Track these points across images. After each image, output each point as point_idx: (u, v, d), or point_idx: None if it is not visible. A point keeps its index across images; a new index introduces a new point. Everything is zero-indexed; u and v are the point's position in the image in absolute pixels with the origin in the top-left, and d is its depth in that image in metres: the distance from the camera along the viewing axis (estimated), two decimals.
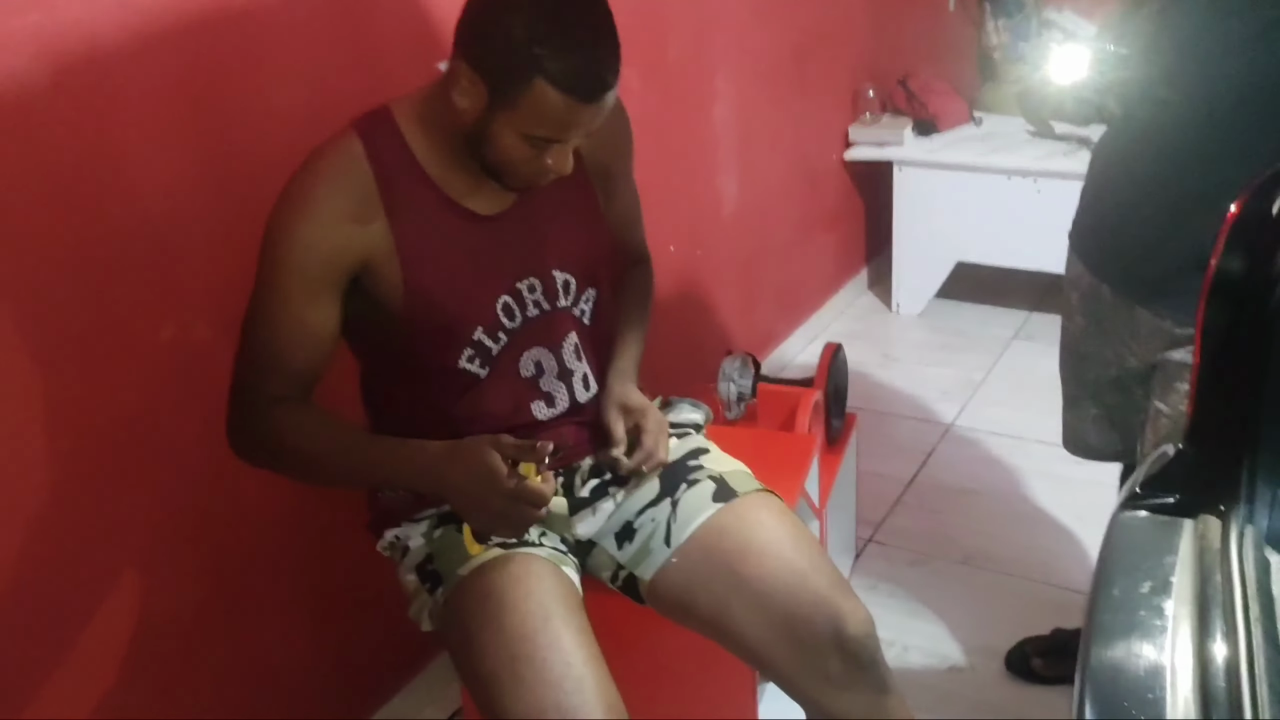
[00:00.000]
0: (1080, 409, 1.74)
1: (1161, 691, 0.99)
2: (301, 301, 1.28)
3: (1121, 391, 1.64)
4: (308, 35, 1.66)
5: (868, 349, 3.44)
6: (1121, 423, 1.68)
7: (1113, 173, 1.59)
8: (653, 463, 1.43)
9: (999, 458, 2.79)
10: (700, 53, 2.74)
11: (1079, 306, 1.66)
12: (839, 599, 1.32)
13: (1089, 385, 1.70)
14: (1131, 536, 1.20)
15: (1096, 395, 1.69)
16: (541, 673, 1.23)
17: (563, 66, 1.18)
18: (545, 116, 1.22)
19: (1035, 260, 3.39)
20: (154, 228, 1.49)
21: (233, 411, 1.35)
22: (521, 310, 1.39)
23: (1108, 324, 1.60)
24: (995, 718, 1.95)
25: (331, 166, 1.28)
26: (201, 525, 1.62)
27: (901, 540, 2.48)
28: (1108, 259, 1.59)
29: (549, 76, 1.18)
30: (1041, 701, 1.97)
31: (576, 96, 1.20)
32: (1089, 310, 1.64)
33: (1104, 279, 1.59)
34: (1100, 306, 1.61)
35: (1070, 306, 1.69)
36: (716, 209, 2.95)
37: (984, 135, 3.54)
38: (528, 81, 1.19)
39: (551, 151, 1.27)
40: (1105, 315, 1.60)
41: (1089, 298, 1.63)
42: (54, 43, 1.33)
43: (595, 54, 1.21)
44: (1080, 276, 1.64)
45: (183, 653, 1.62)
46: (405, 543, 1.44)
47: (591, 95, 1.21)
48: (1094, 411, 1.71)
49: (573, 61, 1.18)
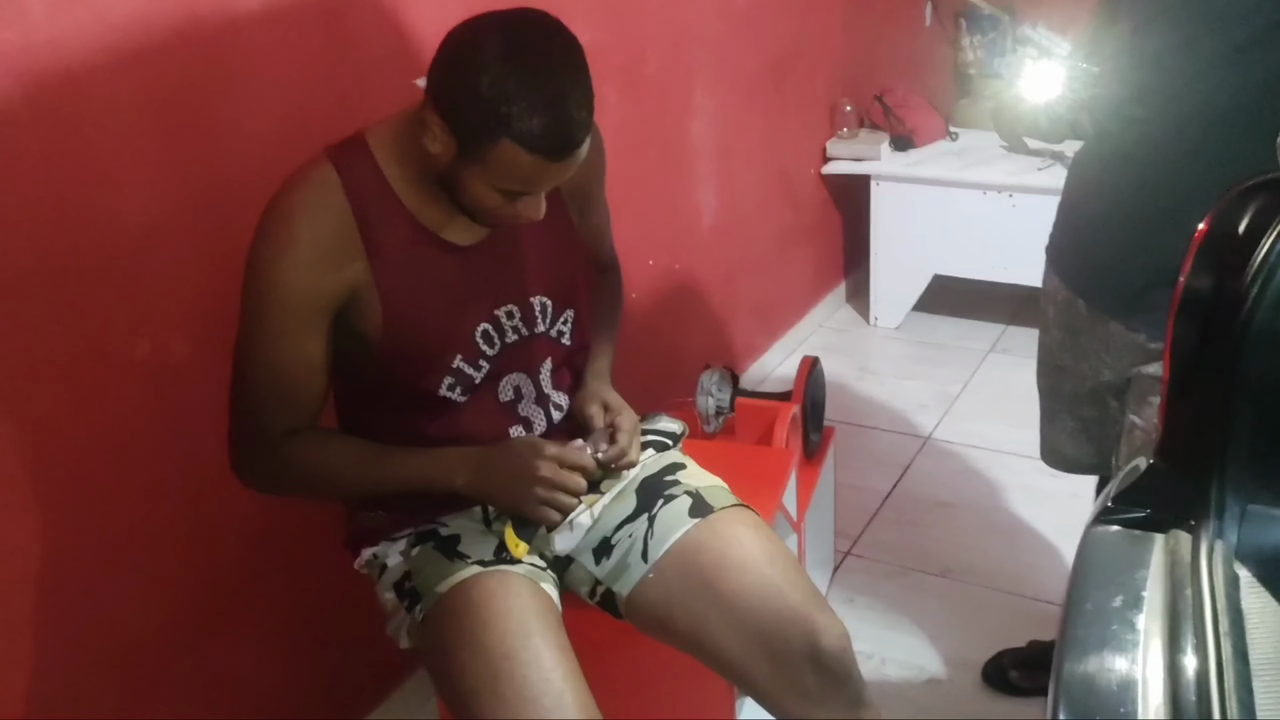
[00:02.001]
0: (1057, 421, 1.75)
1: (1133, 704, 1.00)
2: (295, 337, 1.28)
3: (1097, 404, 1.66)
4: (284, 54, 1.66)
5: (846, 362, 3.46)
6: (1098, 435, 1.70)
7: (1087, 189, 1.61)
8: (624, 461, 1.42)
9: (976, 470, 2.81)
10: (678, 67, 2.75)
11: (1055, 320, 1.68)
12: (814, 613, 1.33)
13: (1065, 398, 1.71)
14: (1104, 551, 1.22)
15: (1073, 408, 1.71)
16: (521, 689, 1.23)
17: (530, 127, 1.15)
18: (513, 173, 1.20)
19: (1011, 274, 3.42)
20: (129, 245, 1.48)
21: (241, 450, 1.36)
22: (501, 337, 1.40)
23: (1083, 337, 1.62)
24: None
25: (309, 199, 1.27)
26: (177, 540, 1.61)
27: (879, 553, 2.49)
28: (1082, 274, 1.61)
29: (516, 136, 1.16)
30: (1018, 713, 1.98)
31: (544, 156, 1.18)
32: (1065, 324, 1.65)
33: (1079, 293, 1.61)
34: (1076, 320, 1.62)
35: (1047, 320, 1.70)
36: (695, 222, 2.97)
37: (960, 150, 3.57)
38: (494, 140, 1.17)
39: (522, 201, 1.26)
40: (1081, 329, 1.62)
41: (1065, 311, 1.65)
42: (29, 61, 1.33)
43: (564, 112, 1.17)
44: (1056, 290, 1.66)
45: (158, 667, 1.61)
46: (383, 560, 1.43)
47: (560, 155, 1.19)
48: (1070, 424, 1.73)
49: (540, 121, 1.15)
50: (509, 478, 1.32)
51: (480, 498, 1.41)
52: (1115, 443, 1.65)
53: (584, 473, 1.33)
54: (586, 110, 1.20)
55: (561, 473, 1.31)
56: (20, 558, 1.40)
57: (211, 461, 1.57)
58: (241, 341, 1.31)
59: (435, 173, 1.27)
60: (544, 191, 1.27)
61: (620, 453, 1.41)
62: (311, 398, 1.34)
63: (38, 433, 1.40)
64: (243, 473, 1.37)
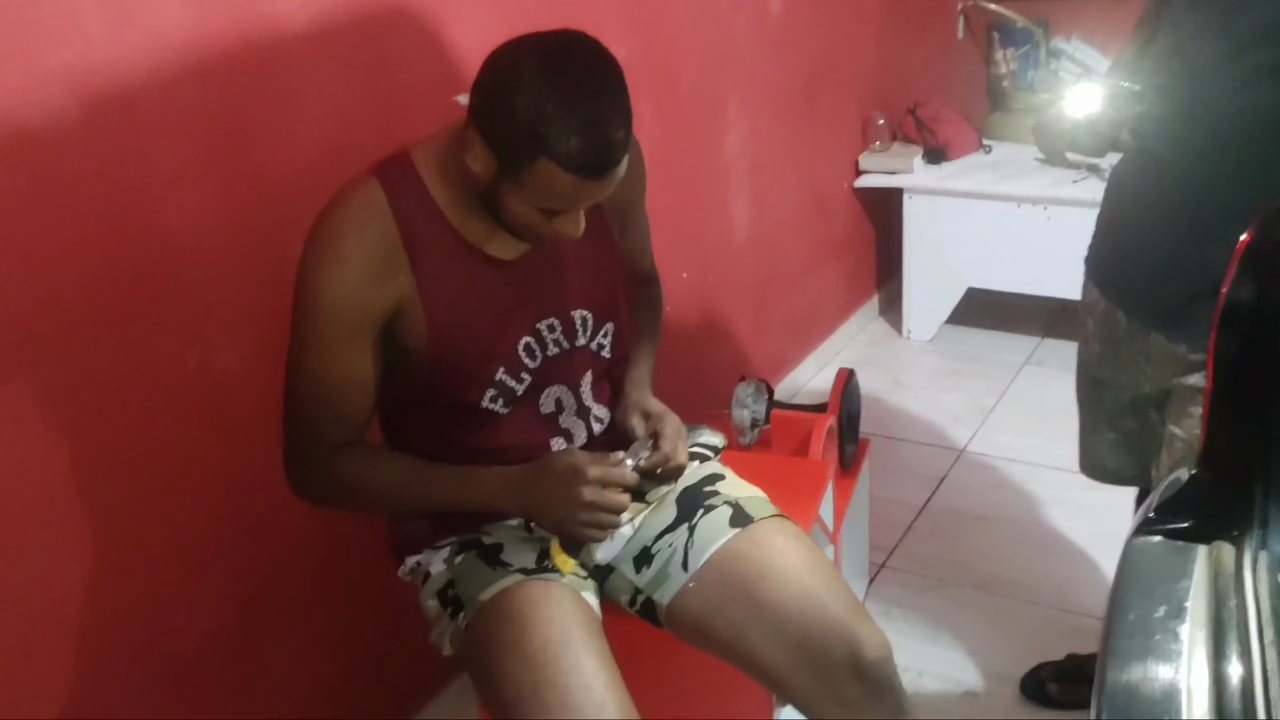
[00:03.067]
0: (1097, 433, 1.75)
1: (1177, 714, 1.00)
2: (345, 352, 1.31)
3: (1137, 416, 1.65)
4: (330, 72, 1.70)
5: (879, 375, 3.45)
6: (1138, 447, 1.69)
7: (1127, 201, 1.61)
8: (670, 466, 1.43)
9: (1011, 483, 2.80)
10: (712, 83, 2.77)
11: (1095, 332, 1.68)
12: (856, 624, 1.34)
13: (1105, 410, 1.71)
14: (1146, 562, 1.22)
15: (1113, 420, 1.71)
16: (563, 697, 1.24)
17: (567, 147, 1.17)
18: (551, 192, 1.22)
19: (1046, 286, 3.41)
20: (180, 259, 1.52)
21: (296, 464, 1.38)
22: (542, 350, 1.41)
23: (1123, 349, 1.62)
24: None
25: (357, 216, 1.29)
26: (226, 548, 1.64)
27: (915, 565, 2.49)
28: (1123, 285, 1.61)
29: (554, 157, 1.18)
30: None
31: (582, 175, 1.20)
32: (1104, 336, 1.65)
33: (1119, 305, 1.61)
34: (1115, 332, 1.62)
35: (1086, 332, 1.71)
36: (728, 236, 2.98)
37: (993, 163, 3.57)
38: (532, 160, 1.19)
39: (560, 219, 1.28)
40: (1120, 341, 1.62)
41: (1104, 323, 1.65)
42: (84, 80, 1.36)
43: (601, 132, 1.18)
44: (1096, 302, 1.66)
45: (207, 675, 1.64)
46: (426, 568, 1.46)
47: (598, 174, 1.21)
48: (1110, 436, 1.73)
49: (578, 142, 1.17)
50: (552, 501, 1.33)
51: (524, 519, 1.43)
52: (1155, 455, 1.64)
53: (626, 489, 1.34)
54: (624, 130, 1.21)
55: (604, 493, 1.31)
56: (75, 565, 1.44)
57: (259, 471, 1.60)
58: (292, 358, 1.33)
59: (477, 190, 1.29)
60: (583, 209, 1.29)
61: (664, 458, 1.41)
62: (361, 411, 1.36)
63: (91, 442, 1.44)
64: (297, 487, 1.40)
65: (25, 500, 1.37)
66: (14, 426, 1.35)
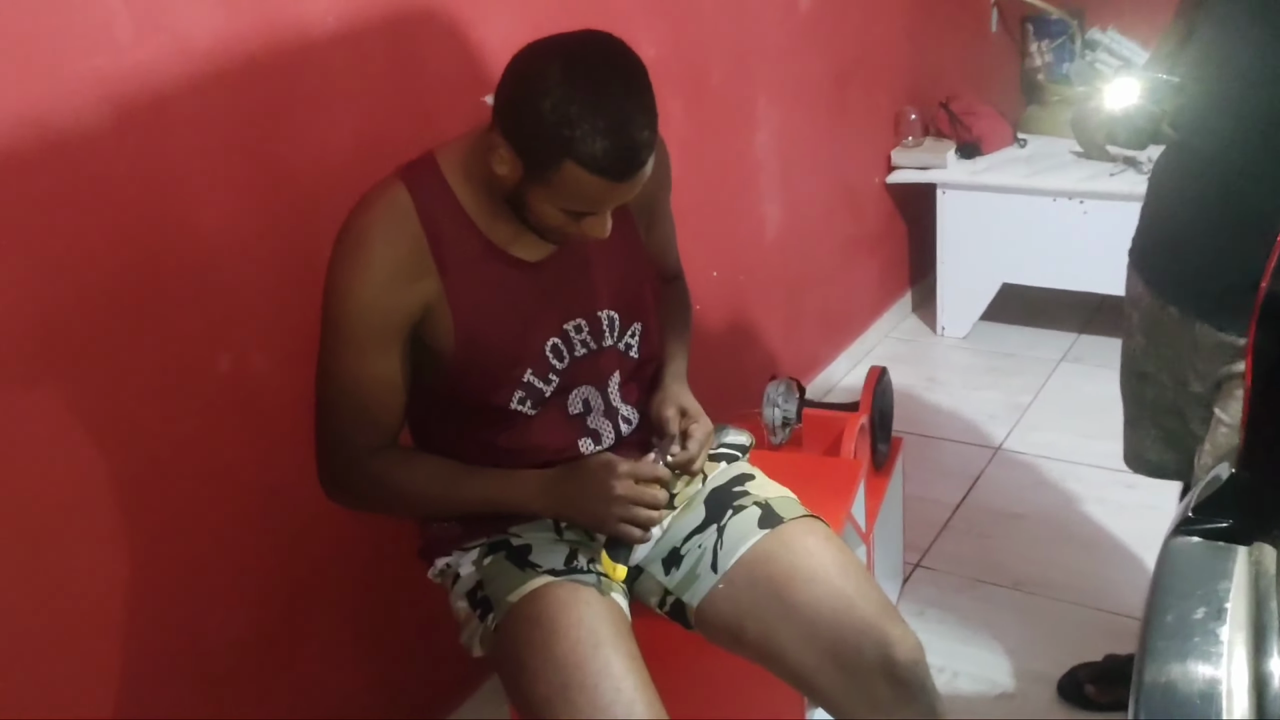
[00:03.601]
0: (1140, 428, 1.73)
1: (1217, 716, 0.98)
2: (374, 356, 1.31)
3: (1178, 416, 1.63)
4: (357, 74, 1.70)
5: (913, 373, 3.42)
6: (1180, 444, 1.67)
7: (1169, 193, 1.59)
8: (691, 468, 1.42)
9: (1048, 481, 2.76)
10: (741, 79, 2.76)
11: (1139, 325, 1.65)
12: (887, 625, 1.32)
13: (1148, 405, 1.69)
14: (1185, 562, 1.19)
15: (1155, 416, 1.69)
16: (593, 698, 1.24)
17: (593, 149, 1.17)
18: (578, 194, 1.22)
19: (1082, 281, 3.37)
20: (211, 263, 1.53)
21: (328, 468, 1.39)
22: (569, 351, 1.41)
23: (1169, 343, 1.59)
24: None
25: (383, 220, 1.29)
26: (258, 550, 1.65)
27: (950, 565, 2.46)
28: (1169, 277, 1.58)
29: (579, 159, 1.18)
30: None
31: (608, 177, 1.20)
32: (1150, 329, 1.63)
33: (1166, 297, 1.58)
34: (1161, 325, 1.59)
35: (1130, 325, 1.68)
36: (759, 234, 2.97)
37: (1028, 157, 3.53)
38: (558, 163, 1.19)
39: (587, 220, 1.27)
40: (1167, 333, 1.59)
41: (1150, 317, 1.62)
42: (117, 85, 1.38)
43: (626, 134, 1.18)
44: (1141, 296, 1.63)
45: (240, 676, 1.65)
46: (456, 570, 1.46)
47: (624, 176, 1.21)
48: (1153, 431, 1.71)
49: (603, 144, 1.16)
50: (586, 500, 1.34)
51: (559, 520, 1.43)
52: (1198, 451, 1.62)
53: (660, 483, 1.34)
54: (649, 130, 1.21)
55: (638, 488, 1.32)
56: (114, 567, 1.45)
57: (290, 472, 1.61)
58: (322, 363, 1.34)
59: (503, 193, 1.29)
60: (609, 210, 1.29)
61: (689, 459, 1.41)
62: (392, 414, 1.37)
63: (128, 446, 1.45)
64: (330, 491, 1.41)
65: (65, 503, 1.38)
66: (54, 430, 1.36)
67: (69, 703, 1.42)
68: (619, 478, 1.31)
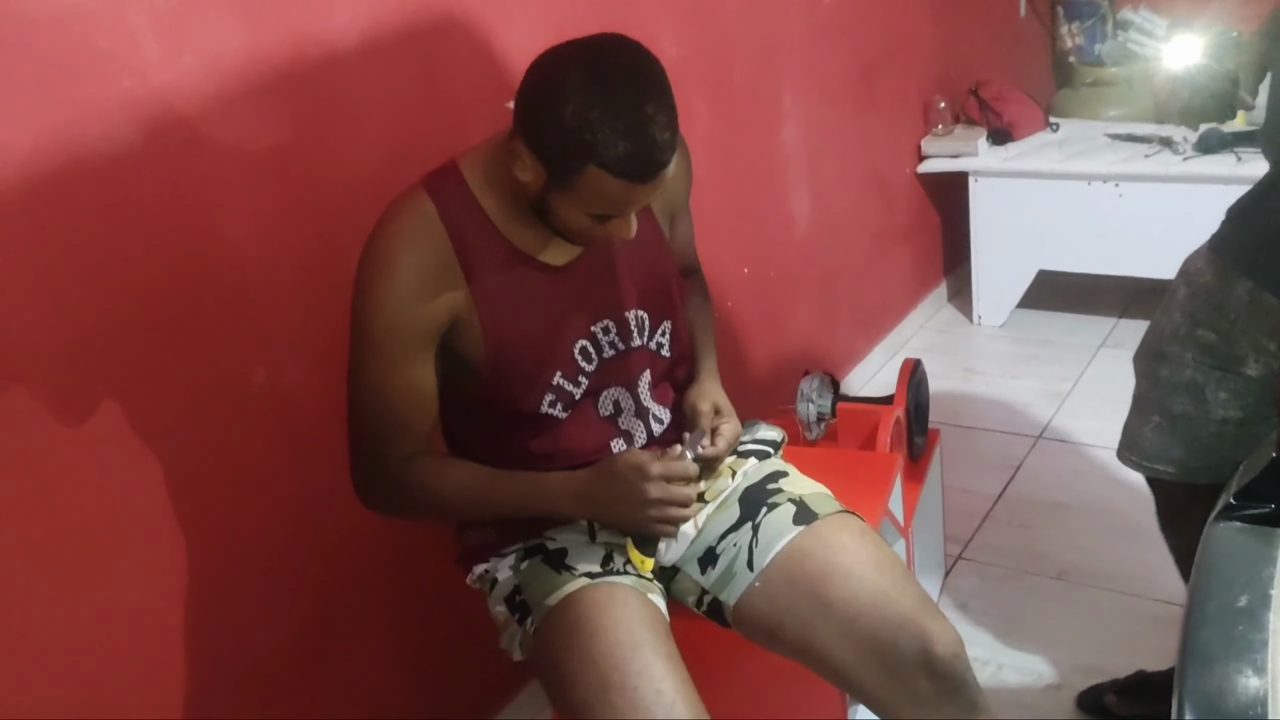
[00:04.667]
0: (1144, 410, 1.71)
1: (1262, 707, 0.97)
2: (404, 366, 1.33)
3: (1195, 397, 1.60)
4: (383, 86, 1.72)
5: (950, 363, 3.40)
6: (1181, 433, 1.64)
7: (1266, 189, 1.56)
8: (714, 466, 1.44)
9: (1091, 469, 2.73)
10: (766, 74, 2.75)
11: (1181, 303, 1.62)
12: (926, 620, 1.31)
13: (1161, 384, 1.66)
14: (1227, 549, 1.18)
15: (1162, 399, 1.66)
16: (633, 700, 1.24)
17: (615, 153, 1.17)
18: (601, 198, 1.23)
19: (1120, 265, 3.32)
20: (244, 278, 1.55)
21: (362, 476, 1.40)
22: (598, 353, 1.42)
23: (1240, 325, 1.55)
24: None
25: (408, 231, 1.30)
26: (298, 559, 1.67)
27: (992, 557, 2.44)
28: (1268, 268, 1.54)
29: (602, 163, 1.18)
30: None
31: (631, 180, 1.20)
32: (1195, 308, 1.60)
33: (1240, 271, 1.54)
34: (1220, 306, 1.56)
35: (1173, 300, 1.65)
36: (789, 229, 2.96)
37: (1061, 141, 3.48)
38: (581, 167, 1.19)
39: (612, 222, 1.28)
40: (1228, 314, 1.55)
41: (1203, 295, 1.59)
42: (146, 107, 1.40)
43: (647, 136, 1.18)
44: (1200, 273, 1.60)
45: (281, 681, 1.67)
46: (494, 575, 1.47)
47: (646, 178, 1.21)
48: (1156, 419, 1.68)
49: (625, 146, 1.17)
50: (620, 503, 1.33)
51: (594, 522, 1.44)
52: (1196, 444, 1.61)
53: (690, 480, 1.34)
54: (670, 132, 1.21)
55: (670, 489, 1.32)
56: (154, 575, 1.48)
57: (327, 482, 1.63)
58: (353, 373, 1.35)
59: (527, 198, 1.29)
60: (633, 212, 1.29)
61: (715, 456, 1.41)
62: (423, 422, 1.38)
63: (167, 458, 1.47)
64: (365, 500, 1.42)
65: (110, 515, 1.41)
66: (96, 444, 1.38)
67: (115, 706, 1.44)
68: (652, 480, 1.31)
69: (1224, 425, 1.59)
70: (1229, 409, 1.58)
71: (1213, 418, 1.59)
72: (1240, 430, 1.58)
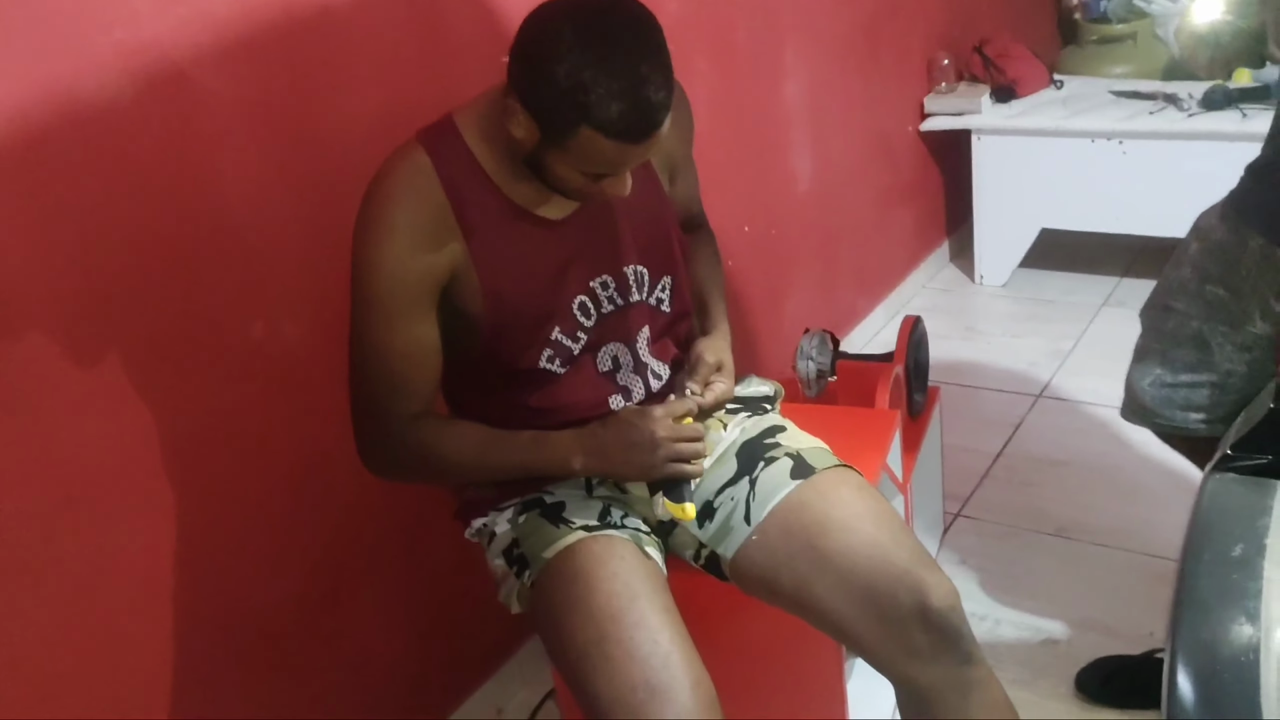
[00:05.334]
0: (1146, 361, 1.71)
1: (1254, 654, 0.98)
2: (404, 322, 1.32)
3: (1198, 349, 1.61)
4: (378, 39, 1.70)
5: (952, 322, 3.39)
6: (1188, 385, 1.64)
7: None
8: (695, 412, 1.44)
9: (1091, 427, 2.73)
10: (768, 32, 2.72)
11: (1192, 258, 1.62)
12: (921, 572, 1.32)
13: (1165, 336, 1.67)
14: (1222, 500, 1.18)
15: (1168, 348, 1.66)
16: (629, 650, 1.24)
17: (608, 114, 1.16)
18: (595, 158, 1.22)
19: (1123, 224, 3.31)
20: (239, 233, 1.54)
21: (365, 437, 1.40)
22: (597, 308, 1.41)
23: (1249, 280, 1.54)
24: None
25: (404, 185, 1.30)
26: (297, 518, 1.68)
27: (991, 513, 2.45)
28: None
29: (595, 124, 1.17)
30: None
31: (625, 140, 1.19)
32: (1205, 263, 1.59)
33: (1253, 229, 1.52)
34: (1233, 262, 1.55)
35: (1184, 255, 1.65)
36: (791, 187, 2.94)
37: (1065, 98, 3.45)
38: (575, 129, 1.18)
39: (607, 180, 1.27)
40: (1238, 270, 1.54)
41: (1216, 251, 1.58)
42: (138, 59, 1.38)
43: (642, 96, 1.17)
44: (1213, 229, 1.59)
45: (283, 641, 1.68)
46: (492, 529, 1.47)
47: (641, 138, 1.20)
48: (1157, 371, 1.68)
49: (619, 107, 1.16)
50: (630, 450, 1.34)
51: (603, 476, 1.43)
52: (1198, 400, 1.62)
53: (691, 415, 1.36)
54: (665, 91, 1.20)
55: (676, 426, 1.33)
56: (155, 534, 1.48)
57: (326, 440, 1.63)
58: (354, 331, 1.35)
59: (522, 155, 1.29)
60: (628, 171, 1.28)
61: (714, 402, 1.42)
62: (425, 380, 1.37)
63: (168, 415, 1.47)
64: (369, 462, 1.42)
65: (109, 472, 1.41)
66: (95, 400, 1.39)
67: (115, 667, 1.45)
68: (657, 421, 1.32)
69: (1228, 378, 1.60)
70: (1234, 363, 1.59)
71: (1218, 370, 1.59)
72: (1244, 384, 1.59)
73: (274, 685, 1.67)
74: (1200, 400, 1.64)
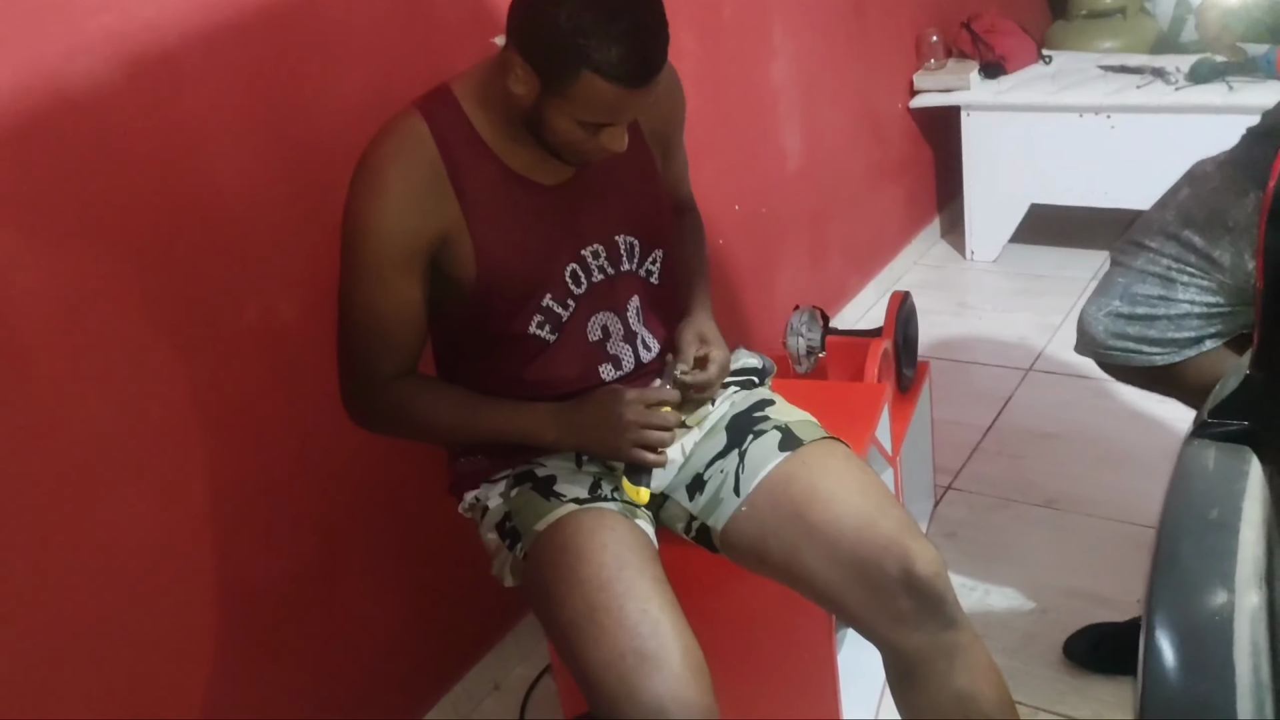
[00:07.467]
0: (1105, 297, 1.76)
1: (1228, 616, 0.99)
2: (394, 283, 1.34)
3: (1163, 284, 1.66)
4: (367, 18, 1.71)
5: (943, 298, 3.41)
6: (1144, 315, 1.69)
7: None
8: (704, 392, 1.47)
9: (1080, 400, 2.75)
10: (756, 8, 2.73)
11: (1181, 202, 1.67)
12: (907, 540, 1.34)
13: (1128, 271, 1.72)
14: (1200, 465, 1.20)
15: (1129, 284, 1.71)
16: (619, 619, 1.26)
17: (609, 57, 1.19)
18: (596, 104, 1.24)
19: (1112, 198, 3.32)
20: (232, 214, 1.55)
21: (349, 390, 1.43)
22: (588, 276, 1.43)
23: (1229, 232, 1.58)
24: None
25: (399, 147, 1.32)
26: (291, 495, 1.70)
27: (981, 486, 2.47)
28: None
29: (596, 67, 1.20)
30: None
31: (625, 84, 1.22)
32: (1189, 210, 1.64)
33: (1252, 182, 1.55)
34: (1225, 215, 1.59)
35: (1171, 200, 1.69)
36: (780, 165, 2.95)
37: (1054, 73, 3.46)
38: (575, 72, 1.21)
39: (605, 133, 1.29)
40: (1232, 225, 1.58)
41: (1205, 200, 1.62)
42: (128, 43, 1.39)
43: (641, 40, 1.21)
44: (1209, 178, 1.64)
45: (281, 617, 1.70)
46: (484, 503, 1.49)
47: (640, 82, 1.23)
48: (1115, 303, 1.73)
49: (618, 51, 1.19)
50: (598, 429, 1.38)
51: (574, 450, 1.46)
52: (1156, 333, 1.67)
53: (671, 405, 1.38)
54: (663, 35, 1.24)
55: (646, 413, 1.36)
56: (152, 511, 1.50)
57: (319, 420, 1.65)
58: (343, 289, 1.37)
59: (520, 113, 1.30)
60: (626, 122, 1.30)
61: (707, 381, 1.44)
62: (411, 341, 1.40)
63: (163, 394, 1.49)
64: (351, 411, 1.45)
65: (106, 450, 1.43)
66: (89, 382, 1.40)
67: (110, 642, 1.47)
68: (627, 404, 1.35)
69: (1184, 318, 1.66)
70: (1194, 303, 1.65)
71: (1177, 306, 1.65)
72: (1200, 326, 1.65)
73: (269, 661, 1.69)
74: (1152, 334, 1.69)
